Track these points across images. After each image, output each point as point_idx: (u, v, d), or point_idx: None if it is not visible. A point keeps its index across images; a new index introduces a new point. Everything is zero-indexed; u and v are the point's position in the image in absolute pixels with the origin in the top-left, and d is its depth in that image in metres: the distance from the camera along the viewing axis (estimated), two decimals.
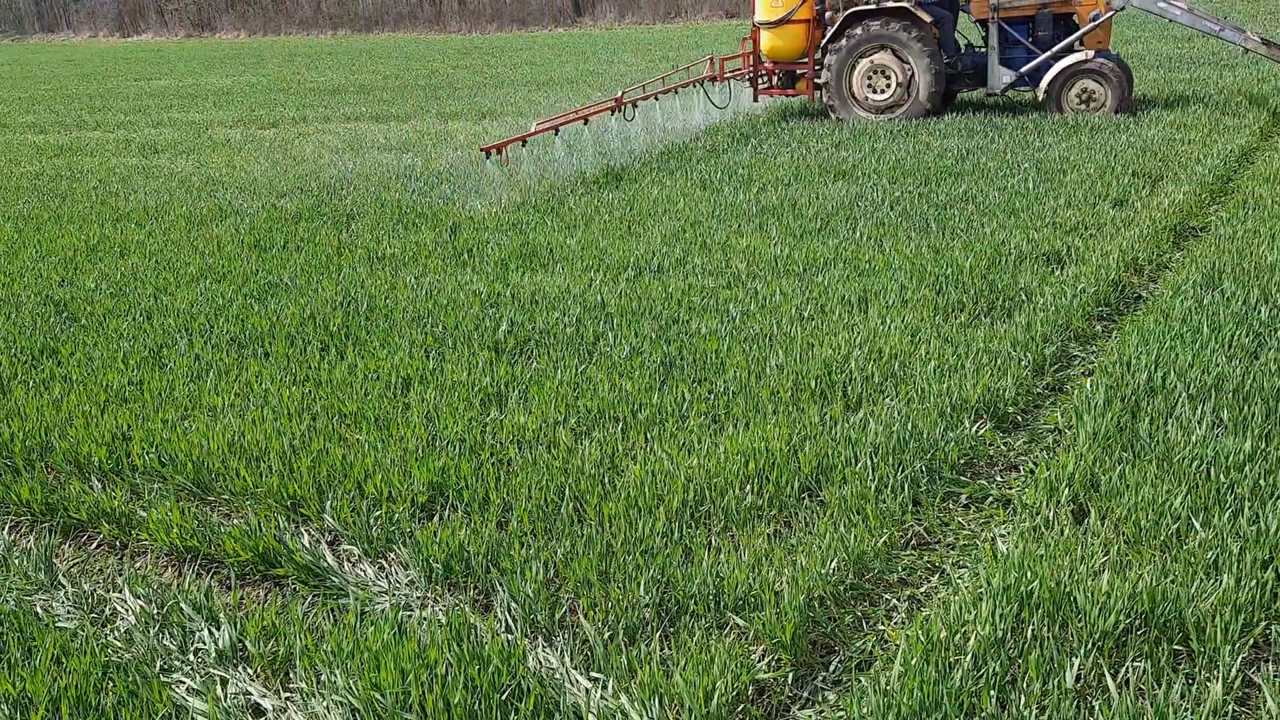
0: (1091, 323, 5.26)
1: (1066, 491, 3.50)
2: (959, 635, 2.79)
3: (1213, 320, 4.86)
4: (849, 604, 3.12)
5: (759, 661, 2.87)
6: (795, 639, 2.89)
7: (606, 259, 6.68)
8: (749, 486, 3.69)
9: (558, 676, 2.82)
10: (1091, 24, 11.50)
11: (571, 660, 2.90)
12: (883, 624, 3.03)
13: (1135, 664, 2.69)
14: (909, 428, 4.00)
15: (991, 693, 2.58)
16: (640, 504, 3.59)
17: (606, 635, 2.96)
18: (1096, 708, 2.56)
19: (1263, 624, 2.78)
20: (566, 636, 3.00)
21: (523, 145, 9.51)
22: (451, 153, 11.54)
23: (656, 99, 11.91)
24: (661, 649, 2.91)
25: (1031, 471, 3.77)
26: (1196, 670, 2.67)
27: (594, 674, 2.83)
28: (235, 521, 3.75)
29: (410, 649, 2.86)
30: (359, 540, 3.55)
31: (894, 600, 3.16)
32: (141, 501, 3.93)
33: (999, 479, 3.84)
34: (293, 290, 6.42)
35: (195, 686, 2.88)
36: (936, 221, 7.13)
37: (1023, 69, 11.81)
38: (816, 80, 12.45)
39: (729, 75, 13.38)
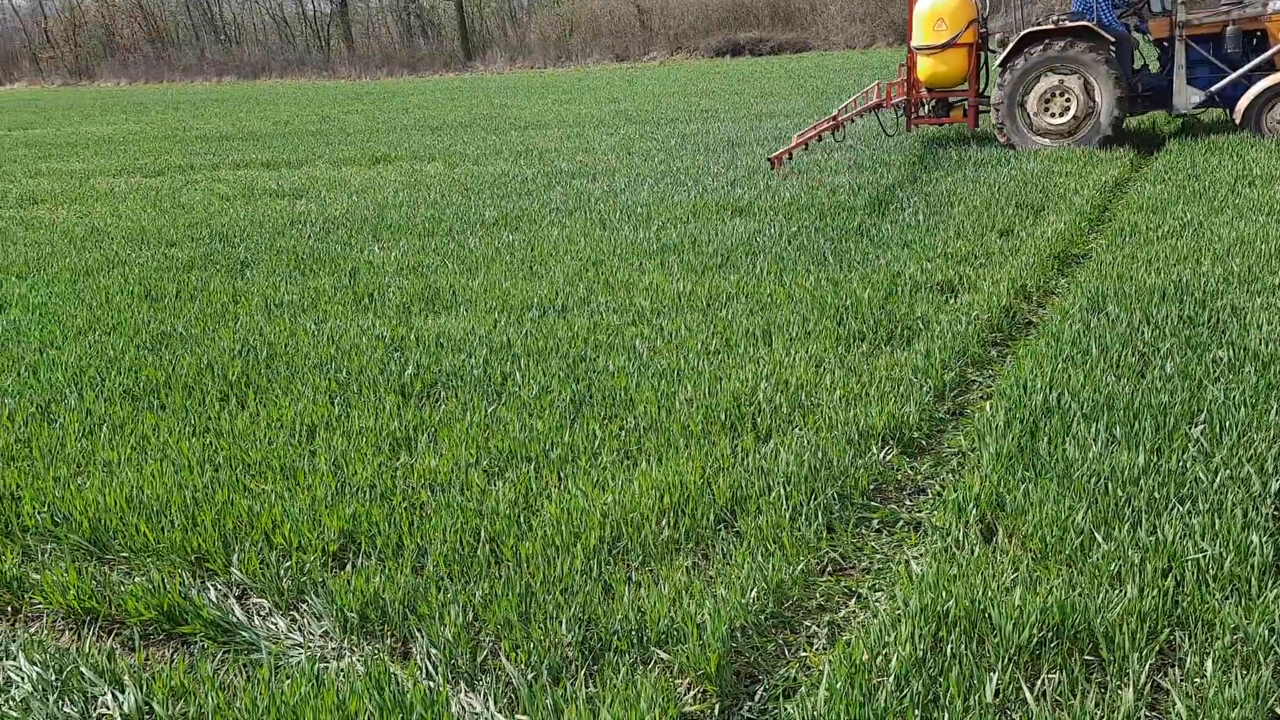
0: (987, 348, 5.43)
1: (974, 512, 3.59)
2: (880, 657, 2.83)
3: (1100, 342, 5.06)
4: (770, 632, 3.14)
5: (685, 694, 2.86)
6: (720, 670, 2.89)
7: (510, 300, 6.67)
8: (665, 520, 3.69)
9: None
10: None
11: (496, 704, 2.85)
12: (804, 650, 3.06)
13: (1050, 675, 2.76)
14: (819, 456, 4.07)
15: (916, 711, 2.62)
16: (557, 542, 3.56)
17: (530, 676, 2.92)
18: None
19: (1166, 631, 2.89)
20: (490, 680, 2.95)
21: (789, 158, 11.51)
22: (346, 198, 11.40)
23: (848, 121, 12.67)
24: (587, 687, 2.88)
25: (939, 494, 3.86)
26: (1108, 679, 2.75)
27: (519, 716, 2.79)
28: (137, 579, 3.59)
29: (330, 700, 2.78)
30: (269, 592, 3.44)
31: (814, 626, 3.18)
32: (34, 564, 3.75)
33: (908, 503, 3.92)
34: (188, 340, 6.23)
35: None
36: (833, 254, 7.30)
37: (1211, 89, 11.10)
38: (980, 107, 12.20)
39: (893, 104, 13.01)
